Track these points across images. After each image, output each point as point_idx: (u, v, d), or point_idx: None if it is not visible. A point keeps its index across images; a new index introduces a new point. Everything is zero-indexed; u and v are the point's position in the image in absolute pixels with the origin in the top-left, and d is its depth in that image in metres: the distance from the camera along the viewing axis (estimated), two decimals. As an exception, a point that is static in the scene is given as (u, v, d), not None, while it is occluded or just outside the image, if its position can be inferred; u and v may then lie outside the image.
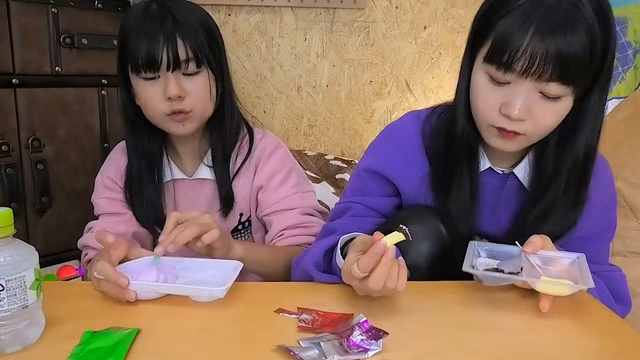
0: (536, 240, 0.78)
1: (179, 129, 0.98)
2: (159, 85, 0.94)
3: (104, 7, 1.36)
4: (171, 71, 0.93)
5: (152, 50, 0.91)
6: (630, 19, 1.79)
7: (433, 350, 0.64)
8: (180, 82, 0.94)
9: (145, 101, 0.96)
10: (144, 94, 0.95)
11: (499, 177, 0.90)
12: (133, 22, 0.94)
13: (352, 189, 0.99)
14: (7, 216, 0.59)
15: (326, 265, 0.84)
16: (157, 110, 0.95)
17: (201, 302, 0.73)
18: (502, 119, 0.78)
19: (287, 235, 1.03)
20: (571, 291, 0.72)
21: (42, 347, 0.62)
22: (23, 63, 1.24)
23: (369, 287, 0.68)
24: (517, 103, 0.75)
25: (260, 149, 1.08)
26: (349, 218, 0.94)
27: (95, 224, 1.06)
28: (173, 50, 0.91)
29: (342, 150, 2.18)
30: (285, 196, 1.06)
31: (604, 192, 0.91)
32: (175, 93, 0.92)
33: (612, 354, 0.65)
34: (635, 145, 1.46)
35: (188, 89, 0.95)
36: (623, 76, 1.83)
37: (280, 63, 2.03)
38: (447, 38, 2.12)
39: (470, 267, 0.75)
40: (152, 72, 0.93)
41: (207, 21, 0.99)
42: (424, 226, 0.84)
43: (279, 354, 0.60)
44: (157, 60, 0.91)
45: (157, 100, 0.94)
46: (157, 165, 1.04)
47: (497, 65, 0.75)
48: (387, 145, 0.96)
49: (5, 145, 1.22)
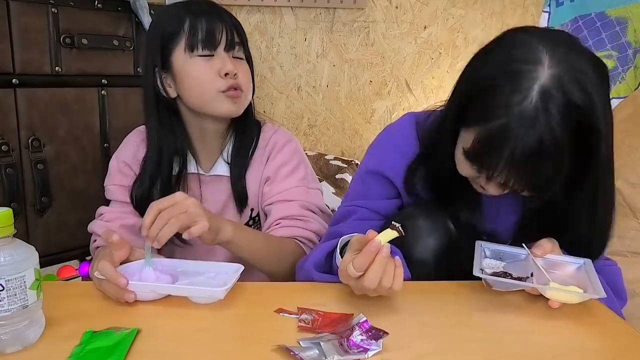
0: (546, 243, 0.78)
1: (231, 106, 1.00)
2: (214, 62, 0.98)
3: (104, 7, 1.36)
4: (227, 50, 0.99)
5: (212, 28, 0.97)
6: (630, 19, 1.79)
7: (433, 350, 0.64)
8: (234, 62, 0.99)
9: (199, 79, 0.98)
10: (198, 71, 0.98)
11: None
12: (180, 9, 0.99)
13: (354, 192, 0.99)
14: (7, 216, 0.59)
15: (327, 266, 0.84)
16: (212, 86, 0.98)
17: (201, 303, 0.73)
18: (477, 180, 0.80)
19: (284, 224, 1.02)
20: (581, 299, 0.72)
21: (42, 347, 0.62)
22: (23, 63, 1.24)
23: (365, 286, 0.68)
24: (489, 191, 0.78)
25: (272, 143, 1.09)
26: (353, 222, 0.94)
27: (105, 210, 1.06)
28: (230, 31, 0.99)
29: (342, 150, 2.18)
30: (289, 187, 1.06)
31: None
32: (232, 68, 0.97)
33: (612, 354, 0.65)
34: (635, 145, 1.46)
35: (238, 69, 1.00)
36: (623, 76, 1.83)
37: (280, 63, 2.02)
38: (447, 38, 2.12)
39: (479, 271, 0.75)
40: (209, 50, 0.97)
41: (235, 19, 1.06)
42: (432, 222, 0.85)
43: (279, 354, 0.60)
44: (216, 38, 0.97)
45: (212, 77, 0.97)
46: (179, 160, 1.05)
47: (471, 163, 0.77)
48: (385, 145, 0.97)
49: (5, 145, 1.21)
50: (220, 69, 0.97)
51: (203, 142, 1.07)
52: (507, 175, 0.73)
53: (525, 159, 0.69)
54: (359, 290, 0.72)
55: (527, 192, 0.76)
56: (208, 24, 0.97)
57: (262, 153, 1.08)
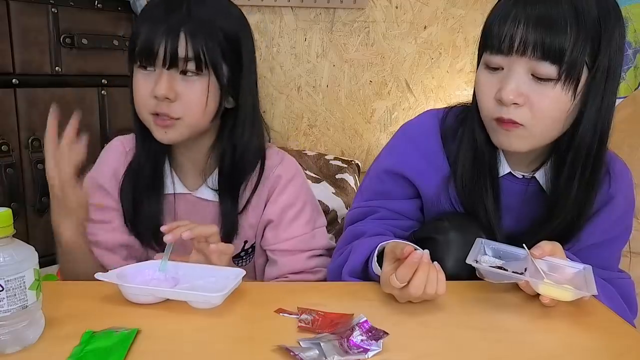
0: (545, 245, 0.78)
1: (160, 134, 0.87)
2: (152, 79, 0.84)
3: (104, 7, 1.36)
4: (167, 67, 0.83)
5: (151, 38, 0.82)
6: (630, 19, 1.80)
7: (433, 351, 0.64)
8: (173, 83, 0.84)
9: (135, 94, 0.87)
10: (135, 85, 0.87)
11: (521, 182, 0.89)
12: (147, 7, 0.88)
13: (371, 191, 0.97)
14: (7, 216, 0.58)
15: (360, 270, 0.85)
16: (144, 106, 0.86)
17: (199, 308, 0.72)
18: (498, 108, 0.78)
19: (292, 279, 0.96)
20: (573, 297, 0.72)
21: (42, 347, 0.62)
22: (23, 63, 1.24)
23: (411, 294, 0.71)
24: (508, 84, 0.76)
25: (275, 177, 0.97)
26: (374, 220, 0.94)
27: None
28: (173, 44, 0.82)
29: (342, 150, 2.18)
30: (294, 236, 0.97)
31: (626, 194, 0.90)
32: (163, 92, 0.82)
33: (613, 354, 0.65)
34: (635, 145, 1.46)
35: (181, 91, 0.84)
36: (623, 76, 1.83)
37: (280, 63, 2.02)
38: (447, 38, 2.12)
39: (474, 261, 0.75)
40: (147, 63, 0.84)
41: (236, 30, 0.88)
42: (465, 236, 0.84)
43: (279, 354, 0.60)
44: (154, 51, 0.82)
45: (146, 95, 0.85)
46: (159, 174, 0.95)
47: (489, 50, 0.78)
48: (406, 146, 0.94)
49: (5, 145, 1.21)
50: (152, 89, 0.84)
51: (187, 158, 0.96)
52: (518, 15, 0.74)
53: (540, 9, 0.73)
54: (403, 298, 0.74)
55: (546, 62, 0.74)
56: (149, 31, 0.82)
57: (263, 186, 0.96)
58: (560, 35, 0.72)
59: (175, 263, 0.80)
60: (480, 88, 0.81)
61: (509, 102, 0.76)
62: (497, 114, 0.78)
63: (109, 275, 0.73)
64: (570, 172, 0.82)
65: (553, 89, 0.75)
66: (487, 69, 0.80)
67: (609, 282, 0.87)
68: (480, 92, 0.81)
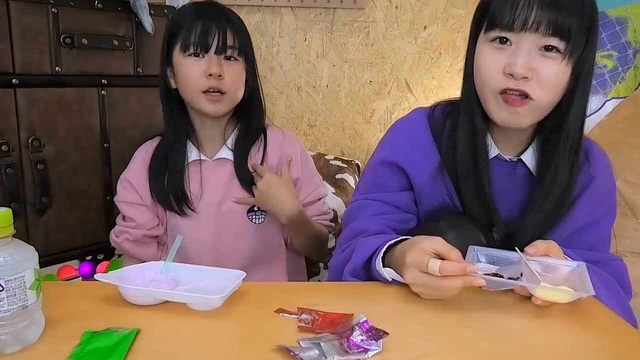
0: (540, 244, 0.78)
1: (211, 108, 1.09)
2: (202, 63, 1.07)
3: (104, 7, 1.35)
4: (218, 53, 1.07)
5: (206, 32, 1.06)
6: (630, 19, 1.79)
7: (433, 350, 0.64)
8: (221, 64, 1.08)
9: (186, 76, 1.08)
10: (185, 69, 1.08)
11: (508, 165, 0.92)
12: (189, 10, 1.10)
13: (367, 184, 1.00)
14: (7, 216, 0.59)
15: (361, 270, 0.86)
16: (195, 85, 1.07)
17: (199, 310, 0.72)
18: (506, 80, 0.80)
19: (315, 220, 1.23)
20: (571, 298, 0.72)
21: (42, 347, 0.62)
22: (23, 63, 1.24)
23: (444, 287, 0.72)
24: (519, 58, 0.79)
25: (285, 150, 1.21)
26: (372, 217, 0.95)
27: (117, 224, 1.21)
28: (224, 36, 1.07)
29: (342, 150, 2.18)
30: (315, 188, 1.25)
31: (605, 174, 0.94)
32: (216, 70, 1.06)
33: (612, 354, 0.65)
34: (635, 145, 1.46)
35: (227, 71, 1.08)
36: (623, 76, 1.83)
37: (280, 63, 2.02)
38: (447, 38, 2.12)
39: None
40: (200, 51, 1.07)
41: (245, 29, 1.15)
42: (463, 236, 0.85)
43: (279, 354, 0.60)
44: (208, 41, 1.06)
45: (197, 76, 1.07)
46: (183, 146, 1.16)
47: (499, 27, 0.80)
48: (398, 138, 0.98)
49: (5, 145, 1.21)
50: (206, 70, 1.06)
51: (204, 130, 1.17)
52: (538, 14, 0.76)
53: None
54: (424, 286, 0.74)
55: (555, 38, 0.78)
56: (203, 27, 1.06)
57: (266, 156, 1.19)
58: (570, 15, 0.77)
59: (177, 265, 0.80)
60: (486, 62, 0.83)
61: (520, 76, 0.79)
62: (505, 85, 0.81)
63: (109, 276, 0.73)
64: (556, 152, 0.86)
65: (557, 61, 0.79)
66: (490, 43, 0.83)
67: (601, 264, 0.89)
68: (486, 66, 0.83)
